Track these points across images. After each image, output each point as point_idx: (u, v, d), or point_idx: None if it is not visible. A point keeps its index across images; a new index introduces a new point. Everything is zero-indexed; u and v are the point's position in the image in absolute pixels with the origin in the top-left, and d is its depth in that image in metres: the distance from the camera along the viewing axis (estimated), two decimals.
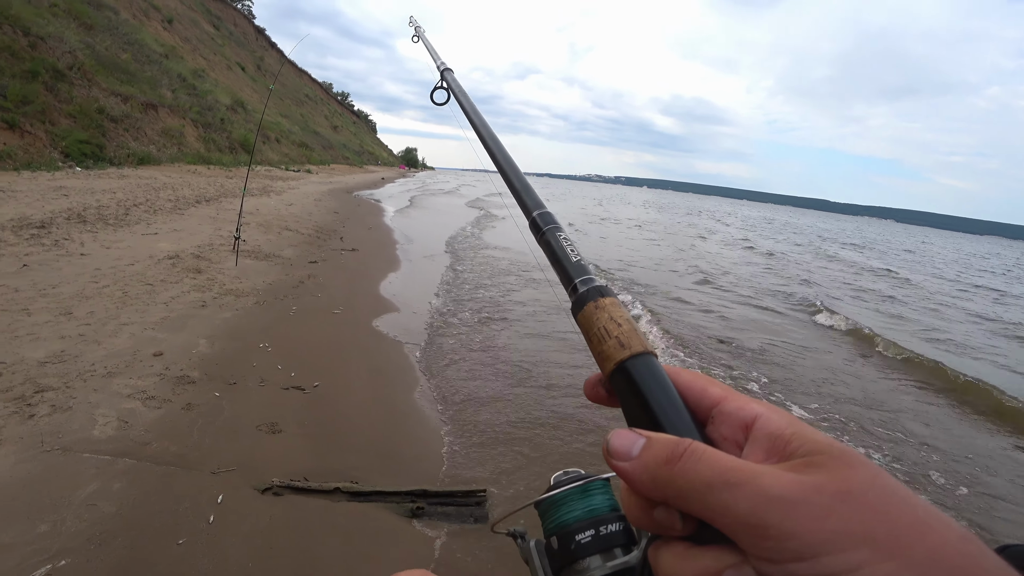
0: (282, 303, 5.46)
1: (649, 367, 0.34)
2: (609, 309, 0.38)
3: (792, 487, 0.25)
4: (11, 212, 7.34)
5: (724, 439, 0.32)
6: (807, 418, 4.67)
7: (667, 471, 0.28)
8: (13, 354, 3.51)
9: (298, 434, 3.25)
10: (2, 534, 2.16)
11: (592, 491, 0.40)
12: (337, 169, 46.07)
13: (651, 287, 10.16)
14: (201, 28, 44.15)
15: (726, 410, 0.32)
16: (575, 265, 0.43)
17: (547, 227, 0.47)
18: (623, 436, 0.30)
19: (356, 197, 21.55)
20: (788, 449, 0.28)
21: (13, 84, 13.77)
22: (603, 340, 0.36)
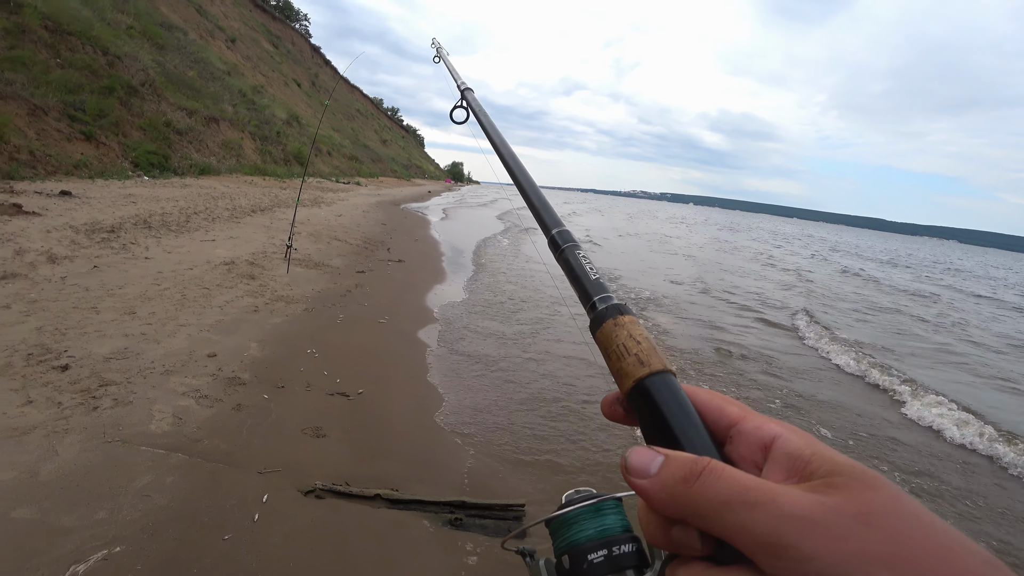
0: (330, 311, 5.64)
1: (668, 385, 0.35)
2: (628, 327, 0.38)
3: (812, 508, 0.25)
4: (85, 217, 7.95)
5: (743, 459, 0.32)
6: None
7: (685, 489, 0.28)
8: (82, 349, 3.78)
9: (341, 439, 3.33)
10: (65, 517, 2.31)
11: (605, 511, 0.40)
12: (385, 182, 47.56)
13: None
14: (261, 47, 46.92)
15: (744, 430, 0.32)
16: (594, 283, 0.43)
17: (566, 245, 0.47)
18: (642, 454, 0.31)
19: (403, 209, 22.14)
20: (808, 469, 0.28)
21: (91, 99, 15.01)
22: (622, 358, 0.37)
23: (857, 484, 0.26)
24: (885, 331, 10.38)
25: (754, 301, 11.33)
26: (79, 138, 13.76)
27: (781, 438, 0.31)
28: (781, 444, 0.30)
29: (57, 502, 2.39)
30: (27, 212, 7.62)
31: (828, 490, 0.26)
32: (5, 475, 2.49)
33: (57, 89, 14.15)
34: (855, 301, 14.03)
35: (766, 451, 0.31)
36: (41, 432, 2.83)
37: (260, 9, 57.11)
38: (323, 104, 8.49)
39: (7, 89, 12.35)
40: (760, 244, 34.72)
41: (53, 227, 7.06)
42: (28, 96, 12.84)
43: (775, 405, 5.24)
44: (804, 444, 0.29)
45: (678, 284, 12.32)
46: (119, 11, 22.36)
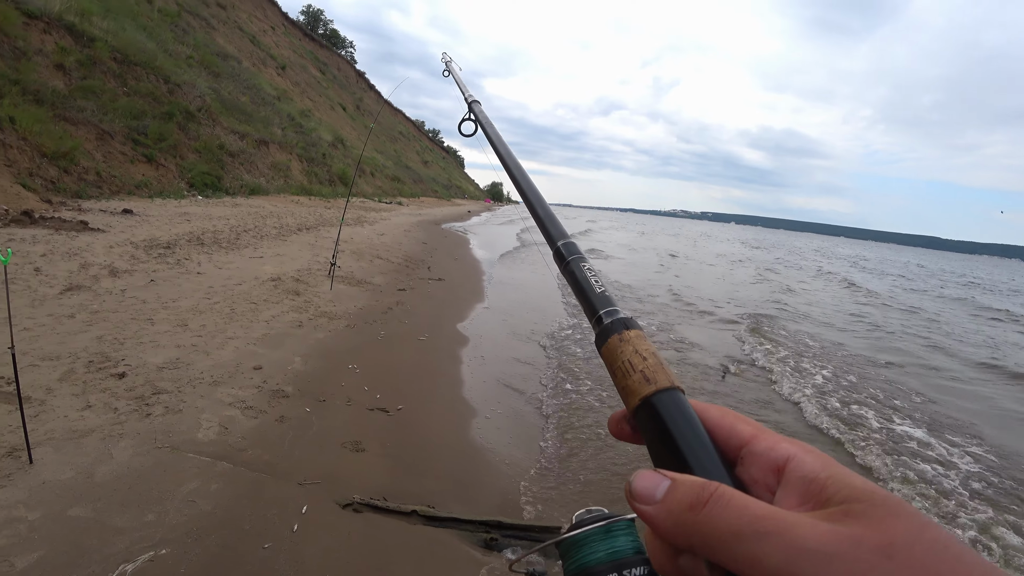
0: (371, 327, 5.79)
1: (676, 403, 0.34)
2: (634, 342, 0.37)
3: (828, 539, 0.23)
4: (144, 234, 8.49)
5: (755, 482, 0.30)
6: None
7: (692, 517, 0.27)
8: (138, 358, 4.00)
9: (380, 454, 3.39)
10: (116, 518, 2.43)
11: (615, 532, 0.39)
12: (426, 202, 48.72)
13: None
14: (309, 73, 49.39)
15: (756, 450, 0.31)
16: (599, 296, 0.42)
17: (571, 257, 0.47)
18: (647, 478, 0.29)
19: (443, 229, 22.58)
20: (824, 495, 0.26)
21: (153, 124, 16.13)
22: (627, 374, 0.36)
23: (878, 512, 0.24)
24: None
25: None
26: (141, 160, 14.77)
27: (795, 459, 0.29)
28: (795, 466, 0.29)
29: (110, 503, 2.52)
30: (92, 229, 8.21)
31: (846, 519, 0.24)
32: (64, 475, 2.65)
33: (123, 115, 15.29)
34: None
35: (779, 473, 0.29)
36: (98, 435, 3.01)
37: (309, 38, 60.37)
38: (368, 127, 8.82)
39: (79, 115, 13.43)
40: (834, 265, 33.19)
41: (115, 243, 7.56)
42: (97, 122, 13.92)
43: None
44: (819, 466, 0.28)
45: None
46: (180, 42, 24.11)
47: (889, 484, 4.13)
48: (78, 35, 15.79)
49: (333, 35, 73.87)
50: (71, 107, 13.42)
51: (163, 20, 25.00)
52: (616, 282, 13.40)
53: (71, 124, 13.01)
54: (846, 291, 19.56)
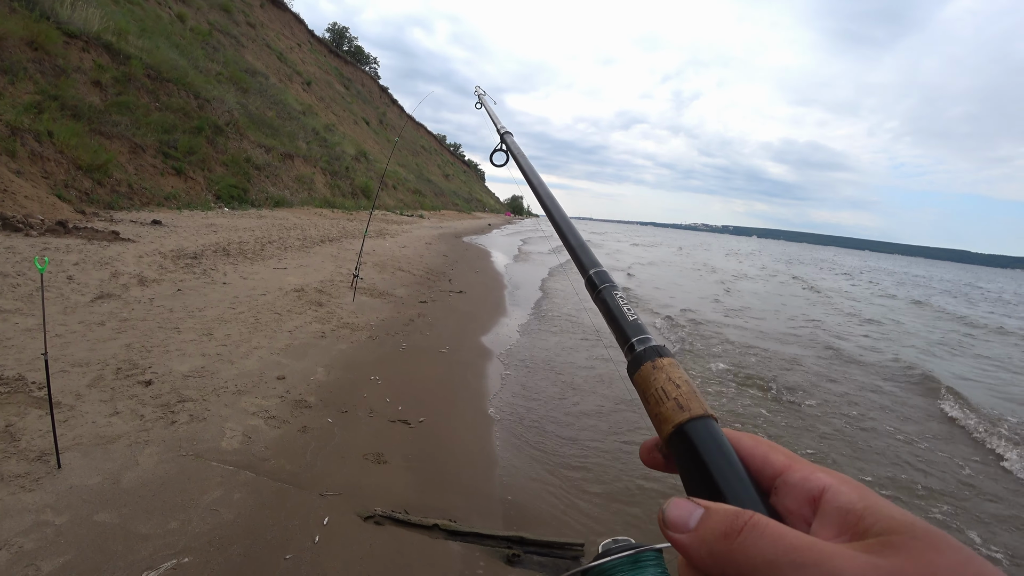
0: (393, 339, 5.81)
1: (709, 431, 0.34)
2: (667, 370, 0.38)
3: (867, 571, 0.22)
4: (172, 244, 8.70)
5: (790, 512, 0.30)
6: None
7: (726, 546, 0.26)
8: (164, 366, 4.07)
9: (401, 466, 3.37)
10: (141, 524, 2.45)
11: (643, 563, 0.38)
12: (447, 215, 49.15)
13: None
14: (334, 88, 50.52)
15: (791, 480, 0.31)
16: (632, 324, 0.43)
17: (603, 285, 0.48)
18: (680, 506, 0.29)
19: (464, 242, 22.71)
20: (862, 526, 0.26)
21: (183, 138, 16.62)
22: (661, 402, 0.36)
23: (919, 544, 0.23)
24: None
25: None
26: (171, 173, 15.20)
27: (831, 490, 0.29)
28: (831, 497, 0.28)
29: (135, 509, 2.54)
30: (123, 239, 8.44)
31: (886, 551, 0.23)
32: (92, 480, 2.69)
33: (155, 129, 15.79)
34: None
35: (815, 504, 0.29)
36: (125, 442, 3.05)
37: (334, 55, 61.85)
38: (391, 141, 8.94)
39: (113, 130, 13.91)
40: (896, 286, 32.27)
41: (144, 252, 7.75)
42: (130, 136, 14.40)
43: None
44: (857, 497, 0.27)
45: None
46: (210, 60, 24.92)
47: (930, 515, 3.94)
48: (115, 53, 16.43)
49: (357, 52, 75.62)
50: (106, 122, 13.91)
51: (195, 38, 25.89)
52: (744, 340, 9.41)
53: (106, 138, 13.48)
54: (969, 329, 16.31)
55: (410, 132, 73.59)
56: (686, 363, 7.17)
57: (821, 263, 60.48)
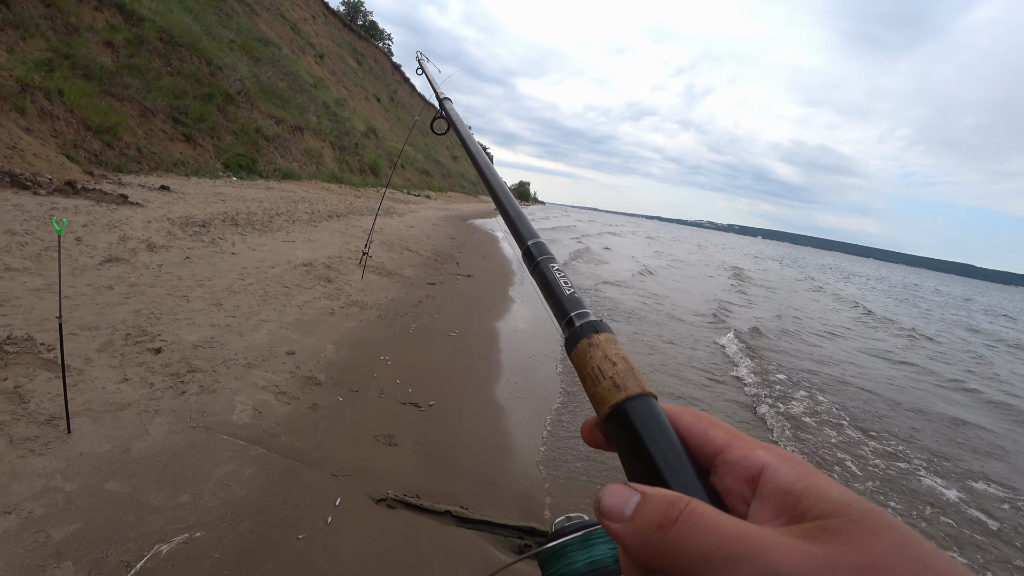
0: (402, 320, 5.75)
1: (648, 409, 0.32)
2: (604, 346, 0.36)
3: (803, 563, 0.22)
4: (181, 211, 8.60)
5: (729, 492, 0.29)
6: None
7: (661, 537, 0.25)
8: (173, 334, 4.01)
9: (412, 450, 3.32)
10: (152, 496, 2.40)
11: (594, 540, 0.39)
12: (454, 196, 48.88)
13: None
14: (346, 63, 49.90)
15: (730, 459, 0.30)
16: (569, 298, 0.41)
17: (540, 257, 0.46)
18: (616, 493, 0.28)
19: (471, 225, 22.57)
20: (800, 508, 0.25)
21: (194, 105, 16.42)
22: (597, 381, 0.34)
23: (856, 529, 0.22)
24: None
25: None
26: (180, 139, 15.04)
27: (770, 468, 0.28)
28: (770, 476, 0.27)
29: (145, 480, 2.50)
30: (132, 203, 8.34)
31: (823, 536, 0.23)
32: (101, 448, 2.64)
33: (165, 94, 15.58)
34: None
35: (754, 483, 0.28)
36: (135, 410, 2.99)
37: (348, 28, 60.98)
38: (401, 120, 8.82)
39: (124, 92, 13.72)
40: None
41: (153, 218, 7.66)
42: (141, 99, 14.21)
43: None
44: (796, 476, 0.26)
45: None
46: (224, 26, 24.53)
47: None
48: (128, 14, 16.15)
49: (372, 27, 74.56)
50: (117, 84, 13.72)
51: (209, 4, 25.45)
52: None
53: (116, 100, 13.30)
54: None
55: (421, 111, 72.97)
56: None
57: (869, 278, 57.63)
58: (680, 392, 5.82)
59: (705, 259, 33.63)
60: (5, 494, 2.24)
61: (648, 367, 6.44)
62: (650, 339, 7.99)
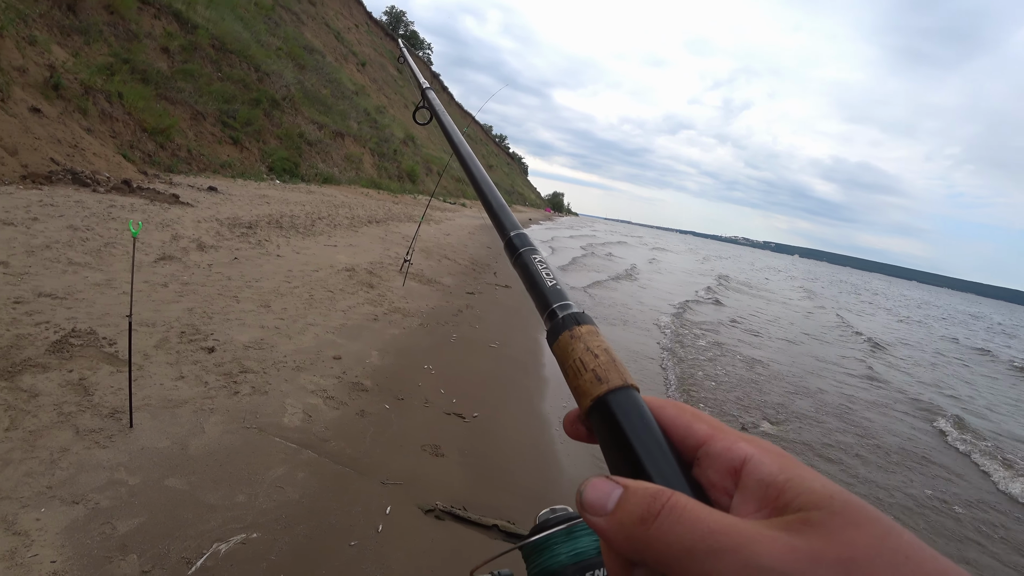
0: (443, 328, 5.78)
1: (631, 402, 0.32)
2: (586, 339, 0.36)
3: (785, 555, 0.22)
4: (228, 212, 8.89)
5: (712, 485, 0.29)
6: None
7: (643, 531, 0.25)
8: (225, 334, 4.12)
9: (458, 461, 3.32)
10: (209, 494, 2.46)
11: (578, 533, 0.39)
12: None
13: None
14: (387, 71, 51.09)
15: (713, 451, 0.30)
16: (551, 290, 0.41)
17: (523, 248, 0.46)
18: (598, 487, 0.28)
19: None
20: (782, 500, 0.25)
21: (242, 109, 17.04)
22: (579, 374, 0.34)
23: (837, 521, 0.23)
24: None
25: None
26: (228, 142, 15.60)
27: (752, 461, 0.28)
28: (752, 469, 0.27)
29: (203, 478, 2.55)
30: (183, 202, 8.67)
31: (804, 529, 0.23)
32: (161, 443, 2.72)
33: (216, 99, 16.22)
34: None
35: (737, 476, 0.28)
36: (191, 407, 3.08)
37: (389, 37, 62.52)
38: (464, 130, 8.94)
39: (177, 96, 14.33)
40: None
41: (202, 218, 7.94)
42: (192, 103, 14.82)
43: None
44: (777, 468, 0.27)
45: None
46: (272, 34, 25.47)
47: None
48: (183, 22, 16.93)
49: (412, 36, 76.23)
50: (172, 88, 14.35)
51: (258, 12, 26.49)
52: None
53: (170, 103, 13.90)
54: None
55: (458, 119, 73.63)
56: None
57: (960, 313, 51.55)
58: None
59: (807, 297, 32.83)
60: (73, 484, 2.32)
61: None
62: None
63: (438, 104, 0.87)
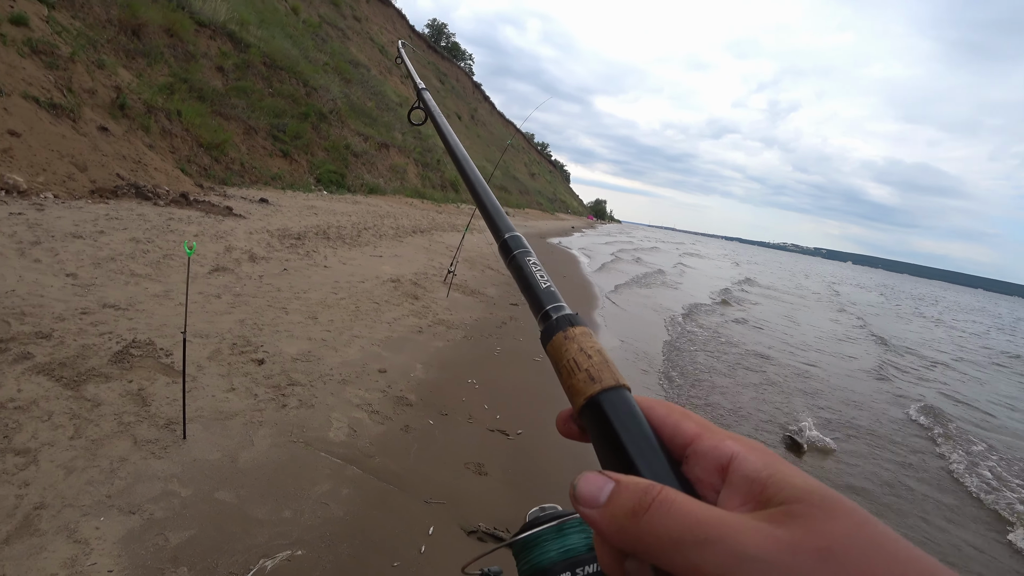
0: (487, 341, 5.78)
1: (622, 401, 0.33)
2: (579, 339, 0.37)
3: (768, 545, 0.23)
4: (278, 223, 9.20)
5: (700, 482, 0.30)
6: None
7: (634, 523, 0.26)
8: (274, 346, 4.23)
9: (501, 480, 3.28)
10: (257, 509, 2.50)
11: (568, 530, 0.41)
12: (531, 214, 49.36)
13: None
14: (430, 83, 52.04)
15: (700, 449, 0.31)
16: (545, 292, 0.42)
17: (517, 251, 0.47)
18: (591, 481, 0.29)
19: (549, 244, 22.62)
20: (765, 495, 0.26)
21: (291, 123, 17.69)
22: (572, 373, 0.35)
23: (816, 513, 0.24)
24: None
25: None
26: (278, 155, 16.21)
27: (738, 458, 0.29)
28: (738, 465, 0.29)
29: (251, 491, 2.60)
30: (236, 215, 9.03)
31: (785, 521, 0.24)
32: (212, 455, 2.79)
33: (267, 113, 16.90)
34: None
35: (724, 472, 0.29)
36: (241, 420, 3.16)
37: (432, 50, 63.88)
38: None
39: (231, 112, 15.01)
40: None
41: (253, 229, 8.24)
42: (245, 118, 15.48)
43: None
44: (761, 465, 0.28)
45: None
46: (319, 50, 26.41)
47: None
48: (237, 41, 17.76)
49: (454, 48, 77.56)
50: (226, 104, 15.03)
51: (306, 30, 27.53)
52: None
53: (224, 119, 14.56)
54: None
55: (499, 128, 74.68)
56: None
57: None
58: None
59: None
60: (130, 494, 2.41)
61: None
62: None
63: (434, 105, 0.89)
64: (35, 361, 3.27)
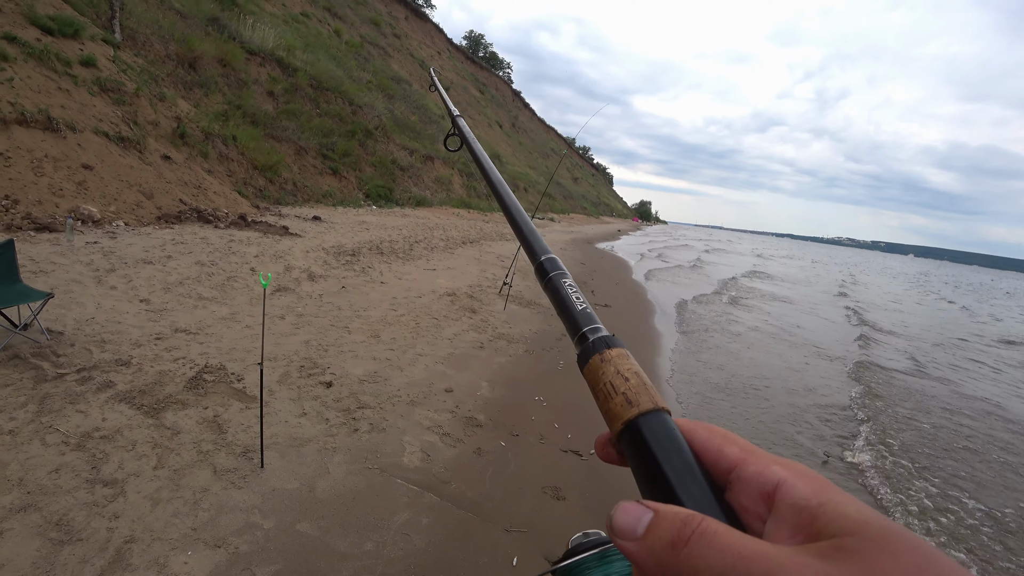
0: (549, 355, 5.65)
1: (661, 425, 0.32)
2: (616, 362, 0.36)
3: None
4: (332, 240, 9.39)
5: (745, 510, 0.28)
6: None
7: (674, 556, 0.25)
8: (340, 367, 4.24)
9: (579, 505, 3.13)
10: (339, 541, 2.45)
11: (611, 557, 0.45)
12: (575, 218, 49.08)
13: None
14: (470, 93, 52.73)
15: (745, 475, 0.29)
16: (582, 313, 0.41)
17: (553, 273, 0.46)
18: (628, 511, 0.27)
19: (597, 248, 22.33)
20: (816, 526, 0.25)
21: (339, 141, 18.18)
22: (610, 397, 0.34)
23: (873, 548, 0.22)
24: None
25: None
26: (328, 173, 16.67)
27: (785, 485, 0.27)
28: (785, 493, 0.27)
29: (332, 522, 2.56)
30: (292, 233, 9.27)
31: (838, 556, 0.22)
32: (291, 484, 2.77)
33: (316, 133, 17.43)
34: None
35: (770, 500, 0.27)
36: (315, 446, 3.14)
37: (470, 61, 64.73)
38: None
39: (283, 134, 15.54)
40: None
41: (310, 248, 8.42)
42: (296, 139, 16.00)
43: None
44: (811, 492, 0.26)
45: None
46: (362, 69, 27.14)
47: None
48: (285, 66, 18.44)
49: (492, 57, 78.34)
50: (277, 127, 15.59)
51: (349, 51, 28.37)
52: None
53: (276, 141, 15.09)
54: None
55: (540, 135, 74.77)
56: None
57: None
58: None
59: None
60: (214, 527, 2.40)
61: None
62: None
63: (468, 131, 0.90)
64: (117, 389, 3.36)
